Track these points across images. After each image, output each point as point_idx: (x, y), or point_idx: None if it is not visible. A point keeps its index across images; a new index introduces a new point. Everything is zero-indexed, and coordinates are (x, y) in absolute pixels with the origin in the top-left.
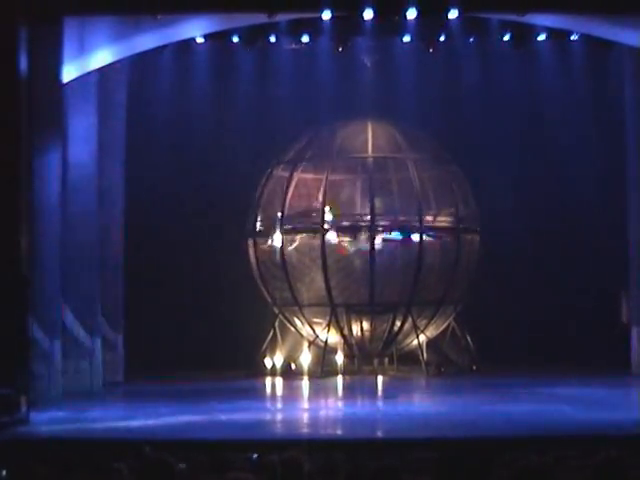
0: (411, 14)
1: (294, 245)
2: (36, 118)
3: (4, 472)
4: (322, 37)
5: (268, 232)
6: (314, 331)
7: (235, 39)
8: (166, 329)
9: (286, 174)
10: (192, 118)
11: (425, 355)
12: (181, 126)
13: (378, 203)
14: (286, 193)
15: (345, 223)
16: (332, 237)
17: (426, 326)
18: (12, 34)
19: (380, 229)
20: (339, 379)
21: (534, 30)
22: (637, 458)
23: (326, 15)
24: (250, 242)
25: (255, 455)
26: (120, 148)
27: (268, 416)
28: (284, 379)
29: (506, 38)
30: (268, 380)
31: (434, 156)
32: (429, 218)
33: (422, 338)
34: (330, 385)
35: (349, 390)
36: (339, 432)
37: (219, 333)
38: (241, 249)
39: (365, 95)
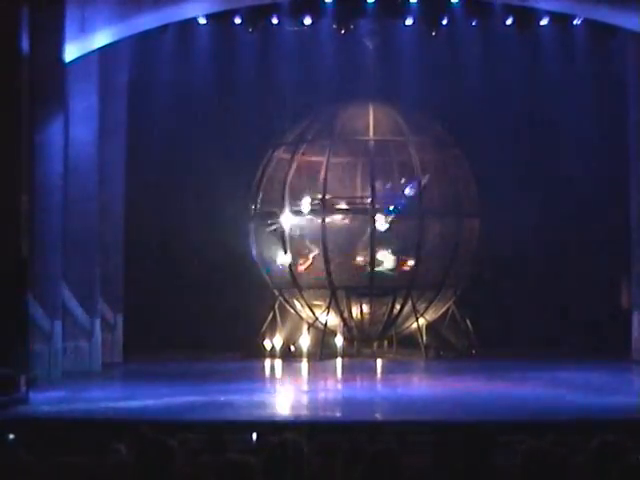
0: None
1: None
2: (38, 98)
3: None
4: (324, 19)
5: (269, 214)
6: (314, 313)
7: (237, 20)
8: (165, 310)
9: (287, 156)
10: (193, 99)
11: (424, 338)
12: (182, 107)
13: (379, 186)
14: (287, 175)
15: (345, 206)
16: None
17: (426, 309)
18: (14, 14)
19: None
20: (338, 362)
21: (537, 14)
22: (635, 442)
23: None
24: (251, 224)
25: (255, 437)
26: (121, 129)
27: (267, 398)
28: (283, 361)
29: (509, 22)
30: (267, 362)
31: (435, 139)
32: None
33: (422, 321)
34: (329, 367)
35: (348, 372)
36: (338, 414)
37: (219, 314)
38: (242, 231)
39: (367, 78)
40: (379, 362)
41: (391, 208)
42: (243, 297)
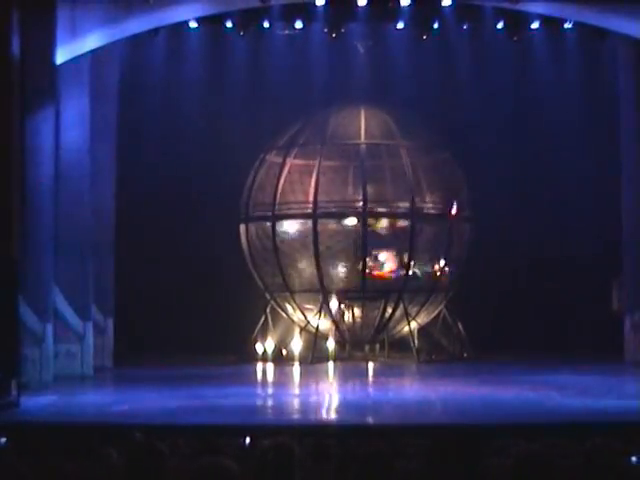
0: (405, 0)
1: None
2: (29, 101)
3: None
4: (315, 23)
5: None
6: (305, 317)
7: (228, 24)
8: (156, 314)
9: (279, 160)
10: (184, 103)
11: (416, 342)
12: (173, 110)
13: (370, 190)
14: (278, 179)
15: (336, 209)
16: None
17: (417, 313)
18: (5, 17)
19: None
20: (330, 365)
21: (528, 18)
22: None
23: (320, 0)
24: (242, 227)
25: (248, 440)
26: (112, 132)
27: (259, 401)
28: (275, 365)
29: (500, 26)
30: (259, 365)
31: (427, 143)
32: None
33: (413, 325)
34: (321, 371)
35: (340, 376)
36: (330, 418)
37: (210, 318)
38: (233, 234)
39: (358, 81)
40: (371, 365)
41: None
42: (235, 301)
